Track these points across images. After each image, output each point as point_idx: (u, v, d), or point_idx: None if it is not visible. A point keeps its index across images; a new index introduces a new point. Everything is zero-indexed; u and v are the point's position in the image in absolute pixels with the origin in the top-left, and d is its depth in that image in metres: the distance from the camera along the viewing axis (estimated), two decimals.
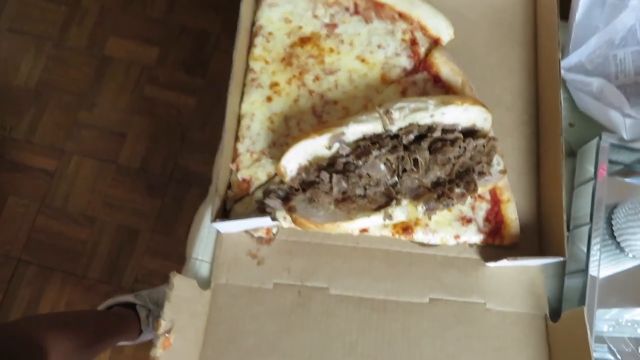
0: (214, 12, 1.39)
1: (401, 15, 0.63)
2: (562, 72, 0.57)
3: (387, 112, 0.53)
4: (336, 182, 0.53)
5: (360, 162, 0.53)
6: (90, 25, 1.37)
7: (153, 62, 1.35)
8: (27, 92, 1.33)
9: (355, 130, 0.54)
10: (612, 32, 0.57)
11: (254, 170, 0.59)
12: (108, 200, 1.25)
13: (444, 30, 0.63)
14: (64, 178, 1.27)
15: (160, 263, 1.21)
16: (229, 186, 0.60)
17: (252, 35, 0.64)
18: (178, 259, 1.21)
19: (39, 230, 1.23)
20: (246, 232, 0.59)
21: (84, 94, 1.33)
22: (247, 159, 0.60)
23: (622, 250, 0.56)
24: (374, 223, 0.54)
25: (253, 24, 0.64)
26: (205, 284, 0.58)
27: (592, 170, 0.56)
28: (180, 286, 0.52)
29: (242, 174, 0.59)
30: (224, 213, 0.58)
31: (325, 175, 0.53)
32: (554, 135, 0.55)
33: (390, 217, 0.53)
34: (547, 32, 0.60)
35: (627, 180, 0.59)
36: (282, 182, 0.58)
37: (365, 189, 0.54)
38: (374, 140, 0.54)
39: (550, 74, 0.58)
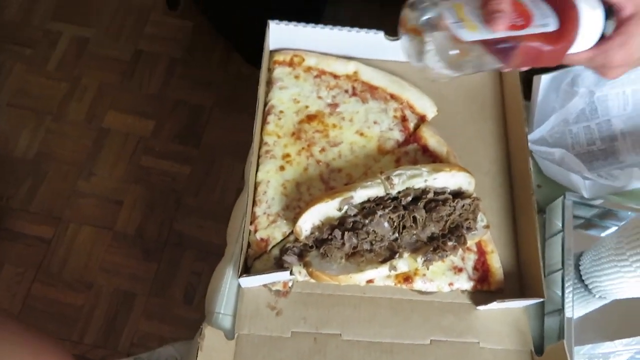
0: (207, 89, 1.50)
1: (392, 96, 0.74)
2: (529, 144, 0.69)
3: (388, 178, 0.63)
4: (347, 239, 0.61)
5: (366, 221, 0.62)
6: (89, 101, 1.46)
7: (149, 134, 1.44)
8: (26, 163, 1.39)
9: (361, 194, 0.63)
10: (567, 113, 0.70)
11: (270, 231, 0.67)
12: (104, 266, 1.29)
13: (429, 108, 0.74)
14: (61, 245, 1.31)
15: (156, 326, 1.24)
16: (249, 245, 0.67)
17: (265, 113, 0.74)
18: (174, 321, 1.25)
19: (35, 298, 1.25)
20: (265, 286, 0.66)
21: (82, 164, 1.39)
22: (264, 221, 0.68)
23: (590, 292, 0.65)
24: (380, 274, 0.62)
25: (265, 104, 0.75)
26: (228, 334, 0.64)
27: (560, 224, 0.66)
28: (210, 337, 0.58)
29: (260, 234, 0.67)
30: (245, 269, 0.65)
31: (337, 233, 0.62)
32: (527, 195, 0.66)
33: (394, 268, 0.62)
34: (514, 111, 0.72)
35: (589, 232, 0.70)
36: (296, 240, 0.66)
37: (371, 244, 0.62)
38: (378, 202, 0.63)
39: (519, 145, 0.70)
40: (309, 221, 0.63)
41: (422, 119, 0.74)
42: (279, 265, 0.65)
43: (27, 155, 1.39)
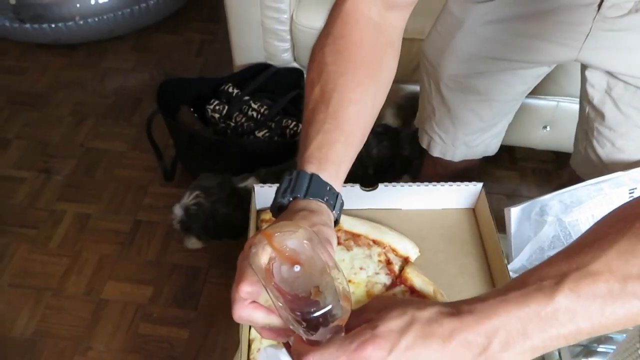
0: (203, 250, 1.55)
1: (375, 242, 0.78)
2: (511, 274, 0.71)
3: None
4: None
5: None
6: (89, 274, 1.50)
7: (147, 300, 1.45)
8: (22, 343, 1.37)
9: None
10: (540, 241, 0.74)
11: None
12: None
13: (410, 250, 0.78)
14: None
15: None
16: None
17: None
18: None
19: None
20: None
21: (80, 338, 1.37)
22: None
23: None
24: None
25: None
26: None
27: (557, 354, 0.66)
28: None
29: None
30: None
31: None
32: None
33: None
34: (492, 245, 0.76)
35: (588, 359, 0.69)
36: None
37: None
38: None
39: (501, 276, 0.72)
40: None
41: (405, 261, 0.77)
42: None
43: (24, 335, 1.38)
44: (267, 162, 1.39)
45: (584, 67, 0.91)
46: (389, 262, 0.77)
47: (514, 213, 0.77)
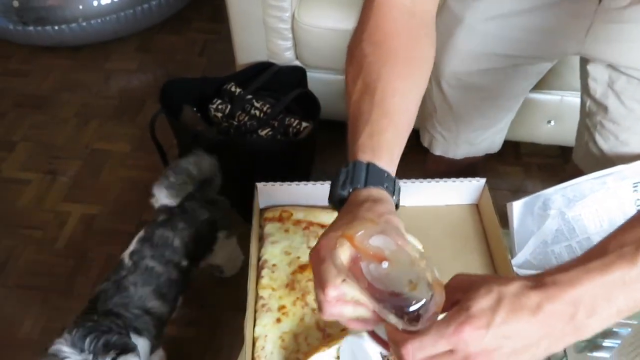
0: None
1: None
2: (515, 269, 0.71)
3: None
4: None
5: None
6: (96, 274, 1.50)
7: None
8: (29, 344, 1.38)
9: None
10: (544, 235, 0.73)
11: None
12: None
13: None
14: None
15: None
16: None
17: (259, 268, 0.77)
18: None
19: None
20: None
21: None
22: None
23: None
24: None
25: (259, 259, 0.78)
26: None
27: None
28: None
29: None
30: None
31: None
32: None
33: None
34: (495, 240, 0.76)
35: (595, 354, 0.68)
36: None
37: None
38: None
39: (505, 273, 0.72)
40: None
41: None
42: None
43: (31, 336, 1.39)
44: (271, 161, 1.39)
45: (584, 61, 0.90)
46: None
47: (517, 207, 0.77)
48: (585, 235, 0.78)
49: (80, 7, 1.96)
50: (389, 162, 0.55)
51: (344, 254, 0.46)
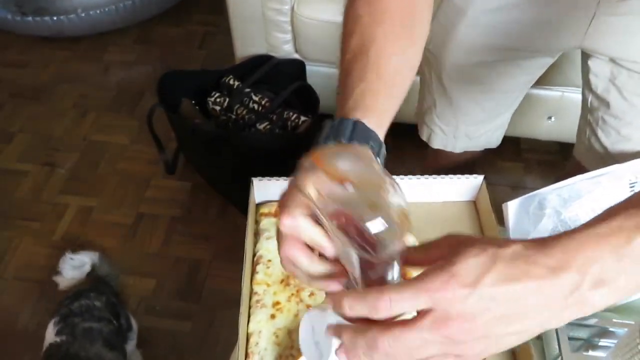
0: (205, 243, 1.55)
1: None
2: None
3: None
4: None
5: None
6: None
7: (150, 293, 1.45)
8: (27, 336, 1.38)
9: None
10: (540, 234, 0.73)
11: None
12: None
13: (410, 243, 0.77)
14: None
15: None
16: None
17: (254, 264, 0.76)
18: None
19: None
20: None
21: None
22: None
23: None
24: None
25: (254, 255, 0.78)
26: None
27: (557, 347, 0.65)
28: None
29: None
30: None
31: None
32: None
33: None
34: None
35: (591, 353, 0.68)
36: None
37: None
38: None
39: None
40: None
41: None
42: None
43: (29, 328, 1.39)
44: (269, 155, 1.38)
45: (586, 57, 0.89)
46: None
47: (512, 207, 0.76)
48: None
49: None
50: (378, 124, 0.52)
51: (314, 179, 0.44)
